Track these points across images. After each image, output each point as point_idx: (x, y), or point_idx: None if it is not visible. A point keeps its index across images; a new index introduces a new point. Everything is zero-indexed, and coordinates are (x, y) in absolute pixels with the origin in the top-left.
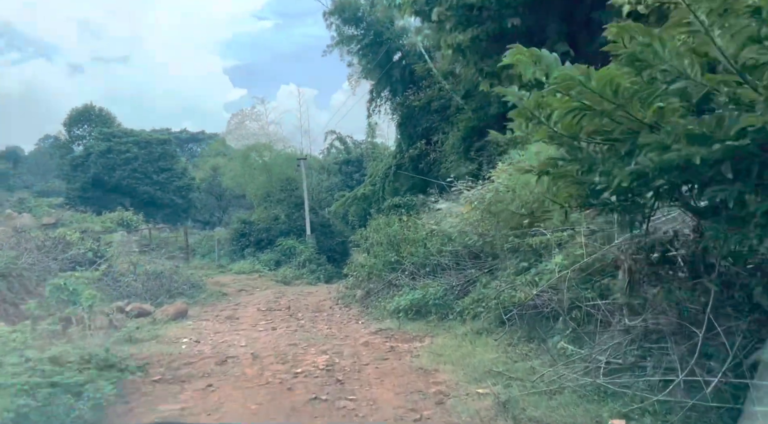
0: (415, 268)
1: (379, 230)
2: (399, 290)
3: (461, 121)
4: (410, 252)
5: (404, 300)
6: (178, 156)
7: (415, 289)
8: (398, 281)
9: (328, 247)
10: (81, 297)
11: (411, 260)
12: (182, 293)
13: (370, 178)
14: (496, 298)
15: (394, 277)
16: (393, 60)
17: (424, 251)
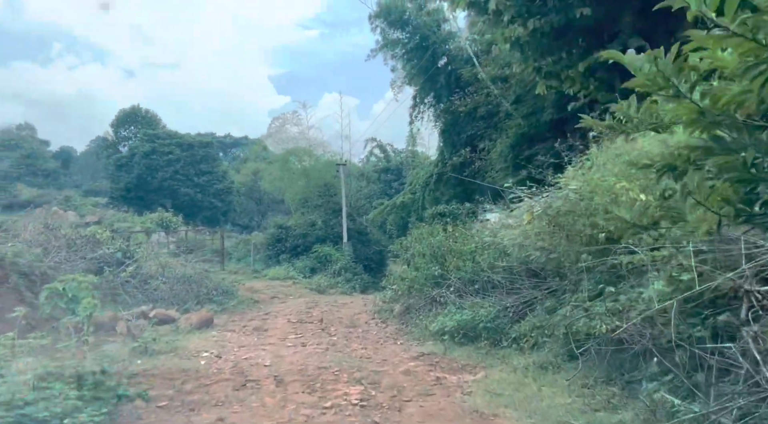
0: (462, 284)
1: (422, 240)
2: (443, 307)
3: (510, 128)
4: (457, 266)
5: (450, 321)
6: (220, 159)
7: (463, 308)
8: (442, 298)
9: (365, 255)
10: (80, 305)
11: (457, 274)
12: (211, 299)
13: (410, 186)
14: (566, 326)
15: (437, 293)
16: (438, 65)
17: (473, 265)
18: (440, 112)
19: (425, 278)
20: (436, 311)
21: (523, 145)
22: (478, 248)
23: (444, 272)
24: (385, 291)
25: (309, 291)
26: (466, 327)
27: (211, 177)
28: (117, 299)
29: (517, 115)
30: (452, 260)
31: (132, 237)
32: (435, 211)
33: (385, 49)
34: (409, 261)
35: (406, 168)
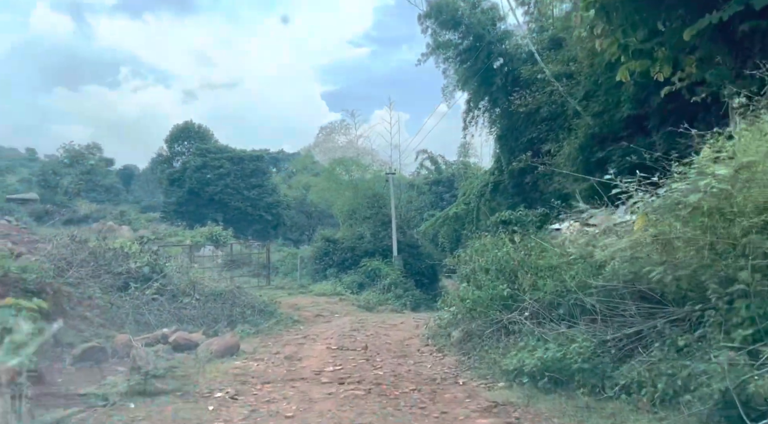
0: (540, 308)
1: (485, 253)
2: (516, 337)
3: (579, 129)
4: (532, 284)
5: (531, 358)
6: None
7: (544, 340)
8: (515, 325)
9: (416, 270)
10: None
11: (533, 295)
12: (246, 319)
13: (463, 196)
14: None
15: (508, 318)
16: (493, 66)
17: (555, 284)
18: (496, 117)
19: (490, 298)
20: (506, 341)
21: (593, 147)
22: (561, 262)
23: (515, 291)
24: (440, 312)
25: (356, 308)
26: (554, 368)
27: (262, 191)
28: (141, 319)
29: (587, 113)
30: (525, 278)
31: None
32: (498, 218)
33: (437, 51)
34: (469, 278)
35: (458, 180)
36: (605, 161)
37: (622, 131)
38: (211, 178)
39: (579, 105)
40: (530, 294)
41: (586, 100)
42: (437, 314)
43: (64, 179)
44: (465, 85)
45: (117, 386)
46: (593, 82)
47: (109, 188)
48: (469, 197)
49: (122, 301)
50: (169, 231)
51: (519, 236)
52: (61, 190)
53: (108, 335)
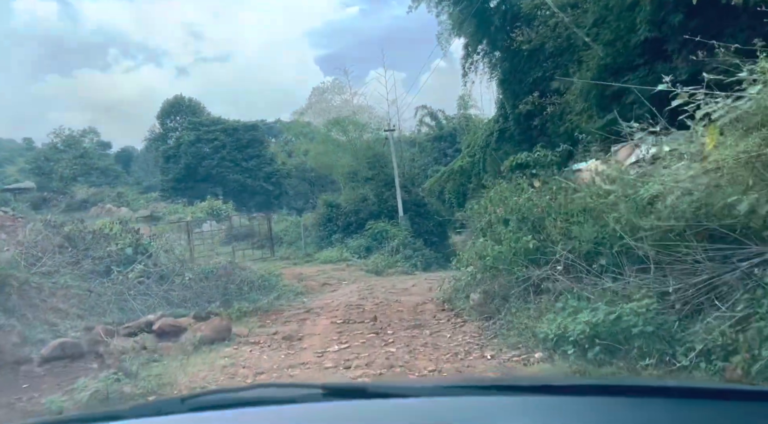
0: (577, 259)
1: (502, 202)
2: (549, 297)
3: (590, 60)
4: (563, 233)
5: (576, 323)
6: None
7: (586, 297)
8: (546, 282)
9: (424, 229)
10: None
11: (567, 245)
12: (243, 296)
13: (468, 149)
14: None
15: (537, 274)
16: (490, 6)
17: (595, 230)
18: (497, 61)
19: (514, 253)
20: (536, 301)
21: (607, 79)
22: (599, 203)
23: (542, 243)
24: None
25: (364, 273)
26: (607, 333)
27: (260, 161)
28: (125, 305)
29: (597, 43)
30: (554, 225)
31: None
32: (514, 162)
33: None
34: (485, 231)
35: (460, 134)
36: (621, 93)
37: (638, 58)
38: (207, 151)
39: (588, 35)
40: (562, 244)
41: (595, 27)
42: (452, 274)
43: (57, 165)
44: (461, 30)
45: (87, 389)
46: (603, 6)
47: (105, 171)
48: (473, 149)
49: (104, 287)
50: (169, 209)
51: (539, 180)
52: (56, 176)
53: (87, 326)
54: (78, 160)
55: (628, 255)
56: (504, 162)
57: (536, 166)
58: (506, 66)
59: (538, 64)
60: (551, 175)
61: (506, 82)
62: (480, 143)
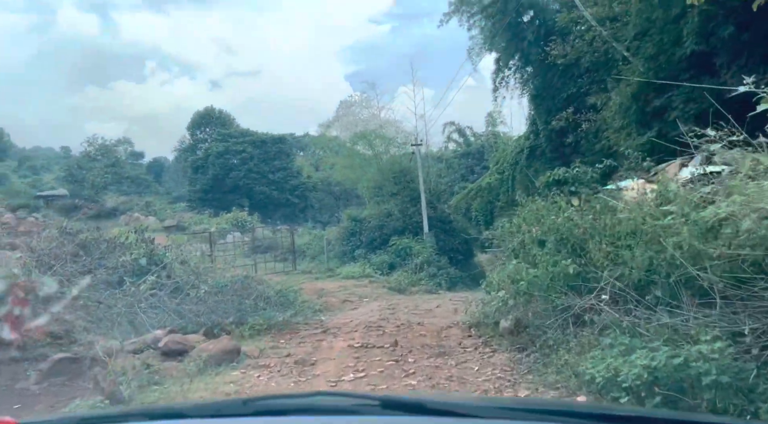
0: (627, 289)
1: (538, 220)
2: (593, 330)
3: (631, 75)
4: (609, 258)
5: (630, 365)
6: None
7: (638, 333)
8: (588, 313)
9: (450, 247)
10: None
11: (614, 272)
12: (258, 311)
13: (496, 165)
14: None
15: (578, 303)
16: (523, 20)
17: (648, 256)
18: (529, 76)
19: (551, 278)
20: (577, 333)
21: (648, 95)
22: (654, 226)
23: (584, 268)
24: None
25: (387, 291)
26: (671, 380)
27: (286, 174)
28: (135, 318)
29: (639, 56)
30: (599, 248)
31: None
32: (551, 177)
33: (461, 8)
34: (517, 252)
35: (488, 151)
36: (664, 110)
37: (683, 73)
38: (235, 163)
39: (628, 49)
40: (608, 271)
41: (636, 40)
42: (479, 297)
43: (90, 174)
44: (492, 44)
45: None
46: (645, 19)
47: (135, 180)
48: (502, 166)
49: (114, 299)
50: (194, 219)
51: (578, 198)
52: (88, 184)
53: (92, 340)
54: (110, 168)
55: (688, 286)
56: (540, 178)
57: (575, 182)
58: (538, 81)
59: (573, 79)
60: (592, 193)
61: (538, 97)
62: (509, 160)
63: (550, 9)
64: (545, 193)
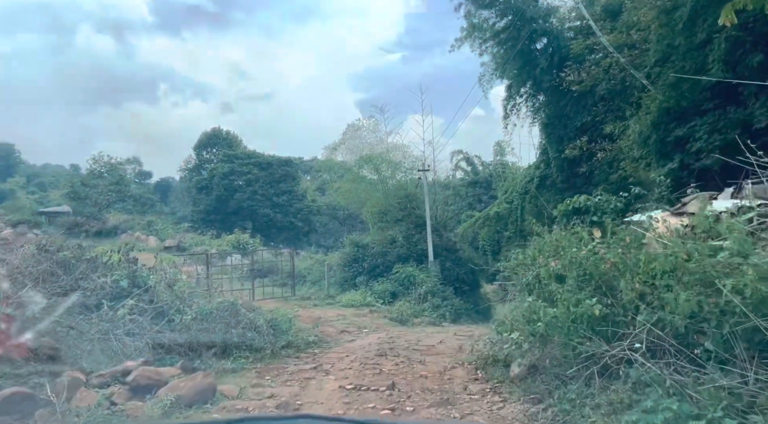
0: (668, 338)
1: (559, 253)
2: (624, 385)
3: (651, 103)
4: (645, 300)
5: None
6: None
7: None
8: (619, 364)
9: (455, 276)
10: None
11: (649, 317)
12: (246, 342)
13: (505, 194)
14: None
15: (606, 351)
16: (536, 48)
17: (701, 300)
18: (540, 105)
19: (573, 319)
20: (605, 386)
21: (669, 124)
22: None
23: (613, 310)
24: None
25: (388, 321)
26: None
27: (291, 197)
28: (108, 347)
29: (660, 84)
30: (632, 288)
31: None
32: (570, 206)
33: (473, 34)
34: (531, 287)
35: (496, 180)
36: (686, 140)
37: (707, 102)
38: (240, 184)
39: (649, 75)
40: (644, 315)
41: (658, 66)
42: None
43: (93, 191)
44: (504, 71)
45: None
46: (667, 45)
47: (139, 199)
48: (511, 195)
49: (89, 323)
50: (196, 240)
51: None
52: (91, 202)
53: (56, 371)
54: (114, 186)
55: (746, 339)
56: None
57: (597, 212)
58: (551, 109)
59: (586, 108)
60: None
61: (550, 126)
62: (519, 189)
63: (564, 37)
64: (563, 223)
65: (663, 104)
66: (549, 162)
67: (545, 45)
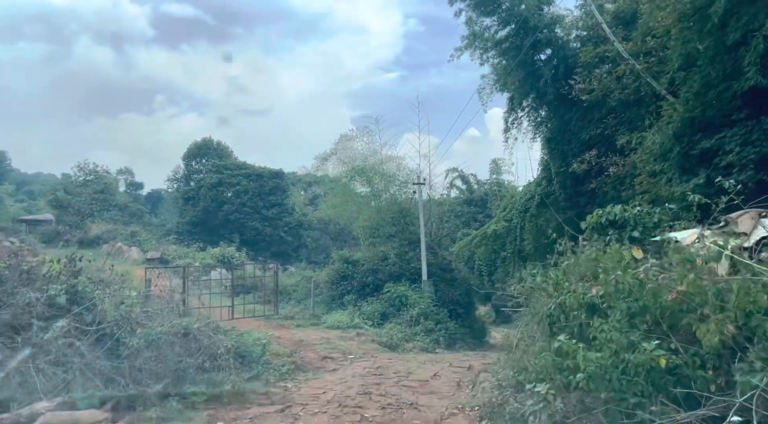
0: None
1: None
2: None
3: (674, 112)
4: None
5: None
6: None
7: None
8: None
9: (450, 297)
10: None
11: (756, 375)
12: (204, 373)
13: (503, 212)
14: None
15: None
16: (540, 58)
17: None
18: (543, 119)
19: (623, 369)
20: None
21: (694, 136)
22: None
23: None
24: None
25: (377, 347)
26: None
27: (281, 210)
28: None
29: (684, 91)
30: (719, 330)
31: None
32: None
33: (473, 43)
34: (553, 320)
35: (491, 199)
36: (714, 153)
37: (737, 112)
38: (228, 196)
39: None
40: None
41: (682, 70)
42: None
43: (76, 199)
44: (506, 83)
45: None
46: (692, 48)
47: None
48: (510, 213)
49: (9, 349)
50: (179, 252)
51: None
52: (73, 210)
53: None
54: (99, 195)
55: None
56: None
57: (636, 225)
58: (554, 123)
59: (593, 122)
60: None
61: (554, 140)
62: (518, 207)
63: (569, 47)
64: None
65: (686, 114)
66: (551, 179)
67: (549, 56)
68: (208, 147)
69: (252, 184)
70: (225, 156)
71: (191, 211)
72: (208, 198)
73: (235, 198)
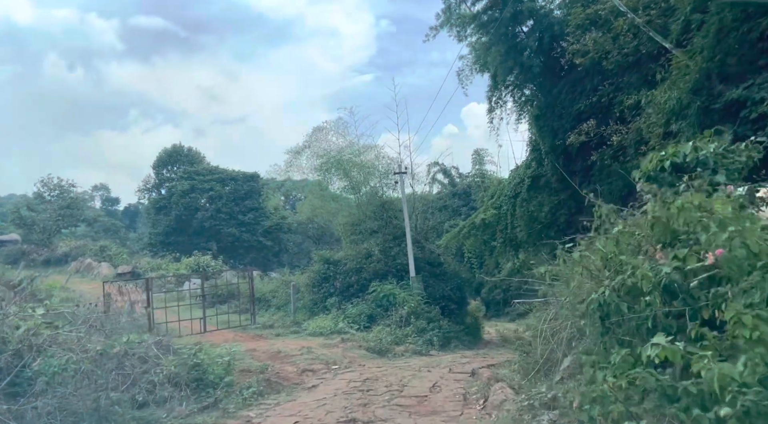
0: None
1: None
2: None
3: (686, 64)
4: None
5: None
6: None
7: None
8: None
9: (441, 293)
10: None
11: None
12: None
13: (491, 200)
14: None
15: None
16: (522, 30)
17: None
18: (529, 96)
19: None
20: None
21: (714, 88)
22: None
23: None
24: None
25: (364, 353)
26: None
27: (258, 214)
28: None
29: (698, 37)
30: None
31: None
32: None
33: (452, 20)
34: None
35: (475, 191)
36: (741, 105)
37: (764, 56)
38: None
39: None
40: None
41: (697, 13)
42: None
43: (40, 216)
44: (487, 61)
45: None
46: None
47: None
48: (499, 200)
49: None
50: (152, 264)
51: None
52: (38, 227)
53: None
54: (64, 211)
55: None
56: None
57: (718, 167)
58: (542, 99)
59: (584, 93)
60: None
61: (542, 117)
62: (507, 193)
63: (554, 16)
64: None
65: (704, 64)
66: (541, 159)
67: (532, 27)
68: (179, 153)
69: (226, 188)
70: (197, 162)
71: (164, 220)
72: (180, 206)
73: (209, 204)
